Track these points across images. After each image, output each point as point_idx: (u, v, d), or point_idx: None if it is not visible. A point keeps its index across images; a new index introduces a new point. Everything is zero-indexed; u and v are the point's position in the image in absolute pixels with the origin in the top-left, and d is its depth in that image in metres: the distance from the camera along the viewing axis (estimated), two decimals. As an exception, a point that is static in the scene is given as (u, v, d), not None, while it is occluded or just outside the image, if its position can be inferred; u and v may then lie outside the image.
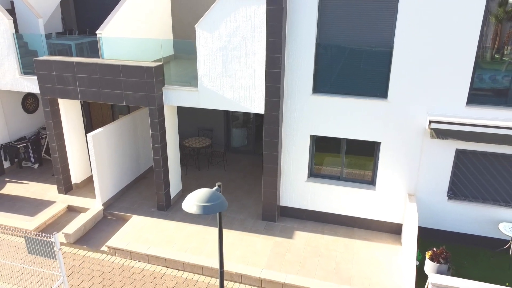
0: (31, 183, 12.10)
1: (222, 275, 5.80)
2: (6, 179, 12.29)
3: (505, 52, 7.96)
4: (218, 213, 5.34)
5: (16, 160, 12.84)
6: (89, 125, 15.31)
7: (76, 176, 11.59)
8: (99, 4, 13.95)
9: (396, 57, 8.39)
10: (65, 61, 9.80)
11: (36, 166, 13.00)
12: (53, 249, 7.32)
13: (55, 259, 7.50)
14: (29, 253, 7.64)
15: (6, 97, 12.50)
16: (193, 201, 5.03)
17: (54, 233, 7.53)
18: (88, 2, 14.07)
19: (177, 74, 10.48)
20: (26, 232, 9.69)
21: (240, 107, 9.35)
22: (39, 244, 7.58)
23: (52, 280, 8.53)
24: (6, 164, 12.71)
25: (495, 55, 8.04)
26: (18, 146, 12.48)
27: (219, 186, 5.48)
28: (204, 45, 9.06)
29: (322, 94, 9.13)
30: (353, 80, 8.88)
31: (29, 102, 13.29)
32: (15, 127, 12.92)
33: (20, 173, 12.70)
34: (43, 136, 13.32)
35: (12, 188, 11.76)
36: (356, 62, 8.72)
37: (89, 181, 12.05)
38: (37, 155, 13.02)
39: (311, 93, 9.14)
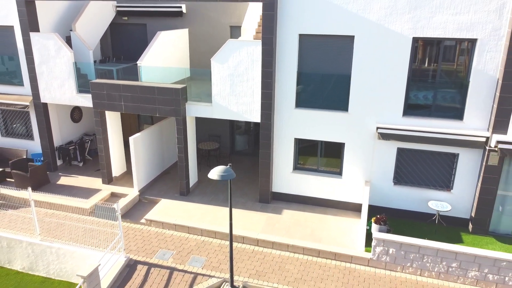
0: (79, 176, 15.51)
1: (231, 231, 9.17)
2: (59, 174, 15.71)
3: (427, 80, 11.42)
4: (228, 181, 8.74)
5: (67, 159, 16.25)
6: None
7: (115, 170, 15.01)
8: (131, 35, 17.54)
9: (353, 81, 11.85)
10: (114, 83, 13.31)
11: (81, 164, 16.43)
12: (115, 213, 10.71)
13: (116, 220, 10.88)
14: (96, 217, 11.05)
15: (59, 110, 15.99)
16: (215, 172, 8.46)
17: (116, 202, 10.94)
18: (121, 34, 17.67)
19: (195, 93, 13.94)
20: (94, 204, 13.04)
21: (242, 118, 12.80)
22: (105, 210, 11.00)
23: (112, 237, 11.86)
24: (59, 162, 16.13)
25: (420, 82, 11.50)
26: (69, 148, 15.94)
27: (230, 165, 8.90)
28: (217, 72, 12.56)
29: (302, 108, 12.59)
30: (324, 98, 12.34)
31: (75, 113, 16.78)
32: (65, 133, 16.39)
33: (69, 169, 16.13)
34: (86, 141, 16.77)
35: (66, 180, 15.17)
36: (326, 85, 12.19)
37: (124, 175, 15.45)
38: (82, 155, 16.46)
39: (294, 107, 12.60)
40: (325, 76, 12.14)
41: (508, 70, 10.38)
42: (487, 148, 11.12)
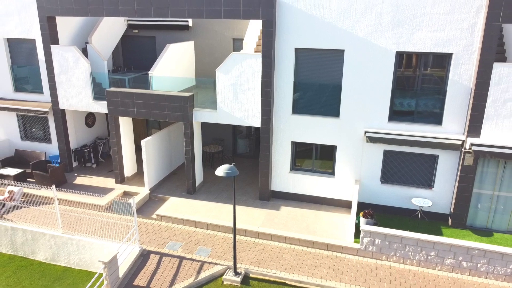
0: (93, 177, 16.83)
1: (235, 223, 10.47)
2: (75, 174, 17.02)
3: (410, 89, 12.77)
4: (232, 178, 10.06)
5: (81, 161, 17.58)
6: (129, 137, 20.06)
7: (127, 171, 16.33)
8: (141, 47, 18.93)
9: (344, 90, 13.20)
10: (128, 92, 14.67)
11: (94, 165, 17.75)
12: (131, 207, 12.02)
13: (131, 214, 12.18)
14: (114, 212, 12.36)
15: (75, 116, 17.34)
16: (221, 170, 9.79)
17: (132, 197, 12.26)
18: (132, 46, 19.06)
19: (201, 100, 15.28)
20: (112, 199, 14.34)
21: (244, 123, 14.14)
22: (122, 205, 12.31)
23: (127, 230, 13.14)
24: (74, 164, 17.45)
25: (404, 90, 12.85)
26: (84, 150, 17.27)
27: (234, 164, 10.23)
28: (221, 82, 13.91)
29: (298, 114, 13.93)
30: (318, 105, 13.69)
31: (89, 119, 18.13)
32: (80, 137, 17.73)
33: (84, 170, 17.45)
34: (99, 144, 18.10)
35: (81, 180, 16.49)
36: (319, 93, 13.55)
37: (135, 175, 16.76)
38: (95, 157, 17.78)
39: (291, 113, 13.94)
40: (319, 85, 13.50)
41: (480, 81, 11.73)
42: (463, 150, 12.45)
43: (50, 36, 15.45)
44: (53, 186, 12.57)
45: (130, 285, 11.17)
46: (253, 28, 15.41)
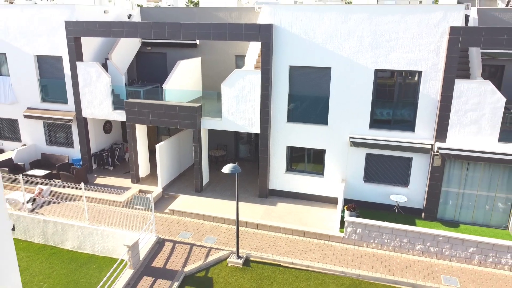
0: (111, 177, 18.94)
1: (237, 215, 12.59)
2: (95, 175, 19.13)
3: (387, 100, 14.94)
4: (236, 175, 12.19)
5: (100, 163, 19.70)
6: (141, 142, 22.19)
7: (142, 172, 18.44)
8: (153, 62, 21.16)
9: (331, 102, 15.36)
10: (144, 103, 16.85)
11: (111, 168, 19.87)
12: (149, 201, 14.13)
13: (149, 207, 14.25)
14: (135, 205, 14.45)
15: (95, 123, 19.50)
16: (227, 168, 11.94)
17: (150, 193, 14.38)
18: (145, 61, 21.28)
19: (208, 110, 17.42)
20: (133, 195, 16.41)
21: (245, 130, 16.28)
22: (141, 199, 14.41)
23: (144, 222, 15.21)
24: (94, 166, 19.57)
25: (382, 102, 15.02)
26: (103, 154, 19.42)
27: (237, 163, 12.36)
28: (226, 94, 16.09)
29: (293, 122, 16.09)
30: (309, 114, 15.84)
31: (107, 126, 20.30)
32: (99, 142, 19.88)
33: (102, 172, 19.56)
34: (116, 149, 20.23)
35: (101, 180, 18.59)
36: (311, 104, 15.71)
37: (148, 176, 18.86)
38: (112, 161, 19.91)
39: (286, 122, 16.10)
40: (310, 97, 15.68)
41: (444, 94, 13.91)
42: (432, 153, 14.58)
43: (76, 53, 17.67)
44: (82, 184, 14.70)
45: (149, 266, 13.25)
46: (253, 47, 17.63)
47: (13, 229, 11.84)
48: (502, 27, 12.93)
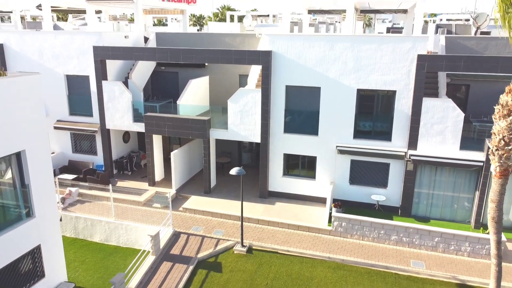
0: (130, 181, 21.60)
1: (242, 211, 15.26)
2: (116, 179, 21.80)
3: (368, 115, 17.69)
4: (241, 176, 14.89)
5: (120, 169, 22.39)
6: (154, 150, 24.89)
7: (157, 176, 21.12)
8: (166, 80, 23.97)
9: (321, 115, 18.11)
10: (161, 116, 19.60)
11: (130, 173, 22.56)
12: (167, 199, 16.81)
13: (167, 205, 16.91)
14: (154, 203, 17.13)
15: (115, 134, 22.23)
16: (234, 170, 14.66)
17: (168, 192, 17.09)
18: (159, 79, 24.09)
19: (215, 122, 20.13)
20: (150, 196, 19.05)
21: (248, 139, 19.01)
22: (160, 198, 17.08)
23: (162, 218, 17.82)
24: (114, 171, 22.26)
25: (364, 116, 17.76)
26: (122, 161, 22.13)
27: (242, 167, 15.07)
28: (232, 109, 18.84)
29: (289, 133, 18.82)
30: (302, 126, 18.58)
31: (126, 136, 23.04)
32: (119, 150, 22.60)
33: (122, 176, 22.24)
34: (133, 156, 22.93)
35: (121, 183, 21.24)
36: (304, 118, 18.46)
37: (163, 180, 21.52)
38: (130, 167, 22.60)
39: (283, 132, 18.84)
40: (303, 112, 18.44)
41: (414, 110, 16.67)
42: (406, 159, 17.29)
43: (102, 74, 20.49)
44: (110, 186, 17.37)
45: (168, 253, 15.87)
46: (255, 69, 20.46)
47: (60, 219, 14.44)
48: (459, 55, 15.77)
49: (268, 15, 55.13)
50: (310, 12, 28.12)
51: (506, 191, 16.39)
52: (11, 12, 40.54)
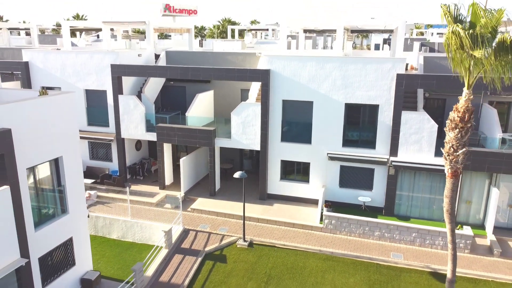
0: (142, 185, 23.90)
1: (244, 211, 17.58)
2: (129, 183, 24.10)
3: (355, 126, 20.07)
4: (243, 180, 17.22)
5: (133, 174, 24.70)
6: (163, 158, 27.21)
7: (167, 180, 23.43)
8: (174, 93, 26.39)
9: (313, 126, 20.49)
10: (171, 127, 21.96)
11: (142, 178, 24.87)
12: (178, 200, 19.12)
13: (177, 206, 19.20)
14: (167, 203, 19.44)
15: (129, 142, 24.58)
16: (237, 174, 17.01)
17: (180, 194, 19.43)
18: (168, 93, 26.51)
19: (219, 132, 22.49)
20: (161, 198, 21.34)
21: (249, 147, 21.36)
22: (172, 199, 19.39)
23: (173, 217, 20.07)
24: (128, 176, 24.57)
25: (352, 127, 20.14)
26: (135, 167, 24.45)
27: (244, 171, 17.41)
28: (234, 120, 21.23)
29: (285, 142, 21.18)
30: (297, 135, 20.95)
31: (138, 145, 25.40)
32: (132, 157, 24.93)
33: (135, 181, 24.55)
34: (144, 163, 25.25)
35: (135, 187, 23.54)
36: (299, 128, 20.84)
37: (172, 184, 23.80)
38: (142, 172, 24.92)
39: (280, 141, 21.20)
40: (298, 123, 20.82)
41: (395, 121, 19.05)
42: (388, 165, 19.64)
43: (118, 88, 22.91)
44: (127, 189, 19.67)
45: (179, 247, 18.14)
46: (255, 85, 22.90)
47: (88, 216, 16.71)
48: (432, 74, 18.23)
49: (267, 29, 57.87)
50: (305, 31, 30.72)
51: (475, 194, 18.85)
52: (23, 28, 43.14)
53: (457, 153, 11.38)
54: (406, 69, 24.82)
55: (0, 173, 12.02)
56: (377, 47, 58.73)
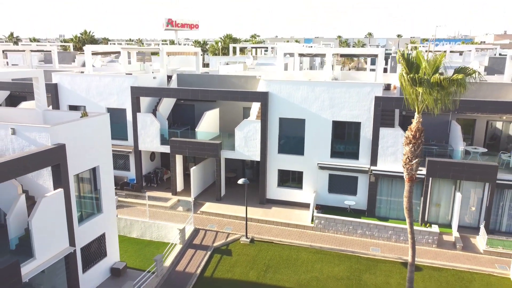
0: (156, 191, 27.19)
1: (246, 213, 20.90)
2: (144, 190, 27.36)
3: (342, 140, 23.48)
4: (245, 186, 20.57)
5: (148, 182, 28.01)
6: (174, 167, 30.54)
7: (178, 187, 26.73)
8: (184, 111, 29.84)
9: (306, 140, 23.88)
10: (183, 140, 25.35)
11: (155, 185, 28.18)
12: (190, 203, 22.43)
13: (189, 209, 22.50)
14: (180, 206, 22.77)
15: (144, 154, 27.93)
16: (241, 180, 20.37)
17: (192, 198, 22.78)
18: (179, 110, 29.96)
19: (224, 145, 25.83)
20: (174, 202, 24.64)
21: (250, 158, 24.72)
22: (184, 203, 22.71)
23: (185, 218, 23.31)
24: (144, 184, 27.87)
25: (338, 140, 23.54)
26: (151, 175, 27.79)
27: (247, 179, 20.77)
28: (238, 135, 24.63)
29: (282, 153, 24.55)
30: (292, 148, 24.33)
31: (152, 156, 28.77)
32: (147, 167, 28.27)
33: (149, 188, 27.84)
34: (158, 172, 28.57)
35: (150, 193, 26.81)
36: (293, 142, 24.24)
37: (182, 191, 27.08)
38: (156, 180, 28.23)
39: (277, 153, 24.58)
40: (292, 137, 24.23)
41: (374, 136, 22.45)
42: (369, 173, 22.98)
43: (137, 107, 26.37)
44: (146, 194, 22.96)
45: (191, 243, 21.39)
46: (256, 104, 26.37)
47: (116, 215, 19.97)
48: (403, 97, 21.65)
49: (267, 48, 61.71)
50: (300, 55, 34.31)
51: (443, 198, 22.16)
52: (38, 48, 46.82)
53: (412, 163, 14.74)
54: (389, 89, 28.51)
55: (56, 179, 15.38)
56: (373, 61, 62.73)
